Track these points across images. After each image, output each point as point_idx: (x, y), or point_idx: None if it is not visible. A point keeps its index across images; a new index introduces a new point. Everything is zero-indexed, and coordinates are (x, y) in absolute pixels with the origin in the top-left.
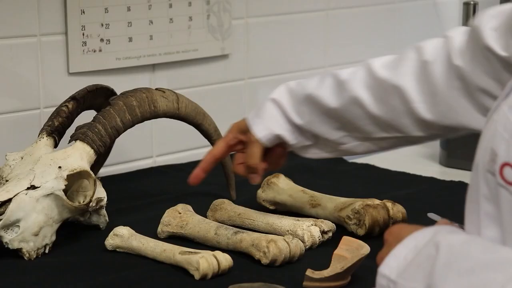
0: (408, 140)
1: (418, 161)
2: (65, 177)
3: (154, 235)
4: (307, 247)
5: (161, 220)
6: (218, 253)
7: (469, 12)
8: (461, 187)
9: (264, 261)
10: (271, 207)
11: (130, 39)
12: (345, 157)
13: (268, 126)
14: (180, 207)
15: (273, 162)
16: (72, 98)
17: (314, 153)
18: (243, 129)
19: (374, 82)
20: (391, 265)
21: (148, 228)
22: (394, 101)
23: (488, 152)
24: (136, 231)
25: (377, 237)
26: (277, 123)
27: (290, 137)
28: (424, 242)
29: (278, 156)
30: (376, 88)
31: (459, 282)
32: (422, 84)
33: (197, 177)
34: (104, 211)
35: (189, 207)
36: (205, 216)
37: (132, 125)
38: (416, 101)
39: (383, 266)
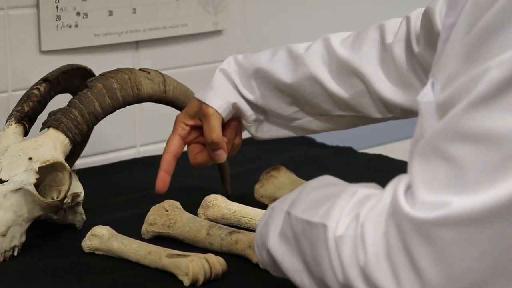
0: (365, 121)
1: None
2: (36, 169)
3: (137, 235)
4: None
5: (146, 219)
6: (210, 256)
7: None
8: None
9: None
10: (271, 204)
11: (111, 13)
12: (355, 147)
13: (222, 95)
14: (167, 203)
15: (228, 141)
16: (45, 80)
17: (267, 132)
18: (190, 114)
19: (333, 61)
20: (282, 199)
21: (131, 228)
22: (354, 81)
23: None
24: (117, 231)
25: None
26: (230, 93)
27: (245, 107)
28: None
29: (233, 132)
30: (335, 67)
31: (308, 205)
32: (384, 66)
33: (164, 181)
34: (80, 208)
35: (178, 204)
36: (196, 214)
37: (112, 110)
38: (378, 82)
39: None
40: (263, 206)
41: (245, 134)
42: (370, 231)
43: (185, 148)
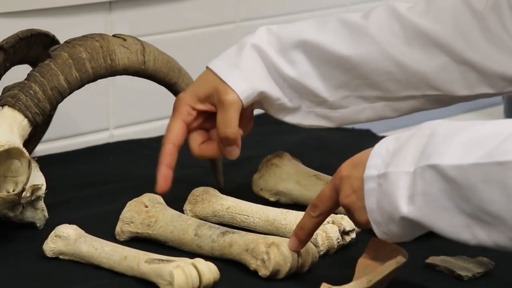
0: (440, 101)
1: None
2: None
3: (111, 236)
4: (321, 252)
5: (121, 216)
6: (199, 262)
7: None
8: None
9: (263, 272)
10: (272, 199)
11: None
12: (374, 130)
13: (250, 78)
14: (147, 198)
15: (244, 126)
16: None
17: (294, 120)
18: (200, 96)
19: (407, 30)
20: (374, 163)
21: (103, 227)
22: (435, 53)
23: None
24: (86, 231)
25: (416, 239)
26: (260, 76)
27: (275, 94)
28: (407, 133)
29: (248, 122)
30: (409, 37)
31: (464, 150)
32: (476, 33)
33: (167, 179)
34: (42, 204)
35: (159, 198)
36: (182, 211)
37: (80, 85)
38: (469, 51)
39: (367, 170)
40: (263, 201)
41: None
42: None
43: None
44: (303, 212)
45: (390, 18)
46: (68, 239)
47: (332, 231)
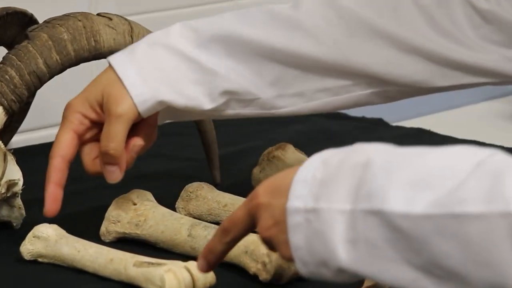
0: (390, 95)
1: (495, 123)
2: None
3: (95, 237)
4: None
5: (106, 215)
6: (193, 265)
7: None
8: None
9: (264, 276)
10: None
11: None
12: (386, 119)
13: (153, 84)
14: (135, 195)
15: (147, 135)
16: None
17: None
18: (92, 103)
19: (344, 18)
20: (299, 193)
21: (87, 227)
22: (381, 44)
23: None
24: (67, 231)
25: None
26: (169, 81)
27: (185, 102)
28: (336, 157)
29: (151, 128)
30: (348, 26)
31: (410, 192)
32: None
33: (56, 200)
34: (19, 201)
35: (149, 195)
36: (174, 209)
37: (61, 69)
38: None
39: (290, 201)
40: None
41: None
42: None
43: None
44: None
45: (323, 7)
46: (47, 240)
47: None
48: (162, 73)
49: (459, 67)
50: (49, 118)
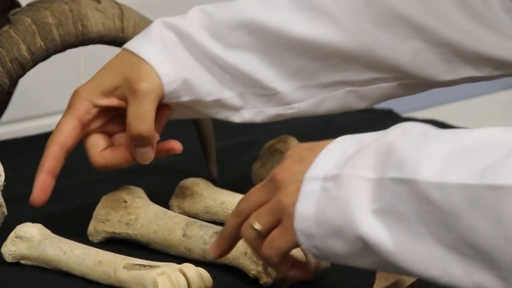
0: (416, 85)
1: None
2: None
3: (83, 237)
4: None
5: (95, 214)
6: (188, 268)
7: None
8: None
9: (265, 280)
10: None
11: None
12: (397, 110)
13: (174, 60)
14: (126, 192)
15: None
16: None
17: (237, 118)
18: (104, 88)
19: (372, 5)
20: (324, 163)
21: (73, 226)
22: (405, 32)
23: None
24: (52, 231)
25: None
26: (185, 62)
27: (205, 87)
28: (372, 134)
29: (163, 122)
30: (376, 14)
31: (446, 163)
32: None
33: (45, 189)
34: (0, 198)
35: (141, 192)
36: (167, 207)
37: (46, 55)
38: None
39: (311, 170)
40: None
41: None
42: None
43: None
44: None
45: None
46: (31, 241)
47: None
48: (179, 55)
49: (489, 60)
50: (31, 109)
